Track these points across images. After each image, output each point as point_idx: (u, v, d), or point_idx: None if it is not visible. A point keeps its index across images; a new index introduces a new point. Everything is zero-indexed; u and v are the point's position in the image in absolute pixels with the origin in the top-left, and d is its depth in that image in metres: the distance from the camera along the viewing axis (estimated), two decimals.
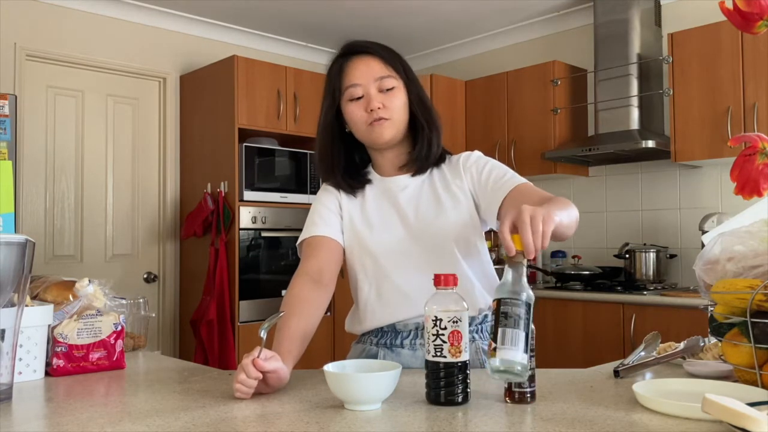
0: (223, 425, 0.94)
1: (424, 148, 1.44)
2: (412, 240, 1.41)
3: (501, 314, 0.96)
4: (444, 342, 1.02)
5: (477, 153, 1.49)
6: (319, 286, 1.36)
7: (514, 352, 0.94)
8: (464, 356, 1.02)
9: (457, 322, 1.02)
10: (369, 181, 1.49)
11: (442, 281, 1.05)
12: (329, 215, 1.46)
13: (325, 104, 1.47)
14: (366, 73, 1.40)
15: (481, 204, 1.42)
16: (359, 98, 1.40)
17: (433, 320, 1.03)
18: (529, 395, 1.04)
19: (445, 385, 1.02)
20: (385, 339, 1.42)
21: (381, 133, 1.40)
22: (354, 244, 1.44)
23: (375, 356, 1.40)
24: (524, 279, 0.99)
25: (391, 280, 1.40)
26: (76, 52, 3.87)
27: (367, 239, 1.43)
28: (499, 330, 0.95)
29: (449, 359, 1.01)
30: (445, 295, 1.05)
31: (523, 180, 1.39)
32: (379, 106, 1.39)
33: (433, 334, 1.03)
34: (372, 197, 1.47)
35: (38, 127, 3.77)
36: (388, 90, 1.41)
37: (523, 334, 0.95)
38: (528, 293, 0.98)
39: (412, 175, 1.47)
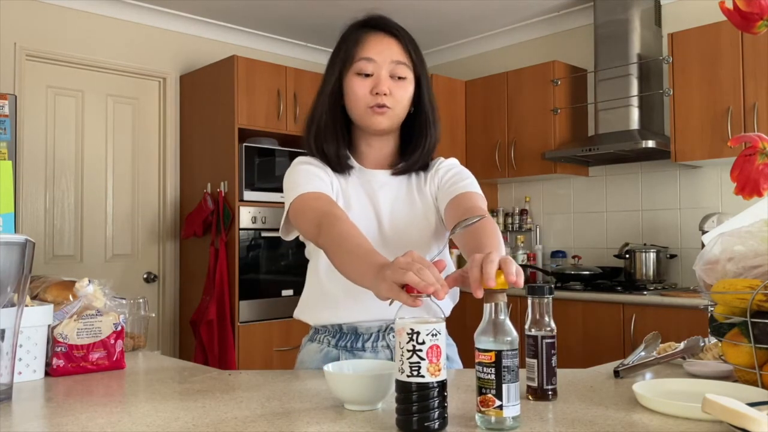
0: (223, 425, 0.94)
1: (422, 155, 1.38)
2: (382, 244, 1.32)
3: (504, 369, 0.88)
4: (422, 359, 0.87)
5: (451, 160, 1.43)
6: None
7: (518, 407, 0.89)
8: (443, 374, 0.89)
9: (436, 335, 0.88)
10: (352, 167, 1.39)
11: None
12: (320, 179, 1.32)
13: (331, 70, 1.38)
14: (383, 53, 1.32)
15: (440, 206, 1.37)
16: (367, 75, 1.32)
17: (408, 334, 0.87)
18: (550, 393, 1.05)
19: (419, 410, 0.87)
20: (345, 341, 1.35)
21: (379, 121, 1.32)
22: None
23: (337, 359, 1.33)
24: (508, 318, 0.90)
25: None
26: (76, 52, 3.87)
27: None
28: (504, 386, 0.87)
29: (428, 378, 0.87)
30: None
31: (477, 189, 1.34)
32: (386, 91, 1.31)
33: (409, 350, 0.87)
34: (352, 187, 1.38)
35: (38, 127, 3.77)
36: (399, 78, 1.33)
37: (518, 384, 0.90)
38: (515, 334, 0.89)
39: (393, 174, 1.40)
